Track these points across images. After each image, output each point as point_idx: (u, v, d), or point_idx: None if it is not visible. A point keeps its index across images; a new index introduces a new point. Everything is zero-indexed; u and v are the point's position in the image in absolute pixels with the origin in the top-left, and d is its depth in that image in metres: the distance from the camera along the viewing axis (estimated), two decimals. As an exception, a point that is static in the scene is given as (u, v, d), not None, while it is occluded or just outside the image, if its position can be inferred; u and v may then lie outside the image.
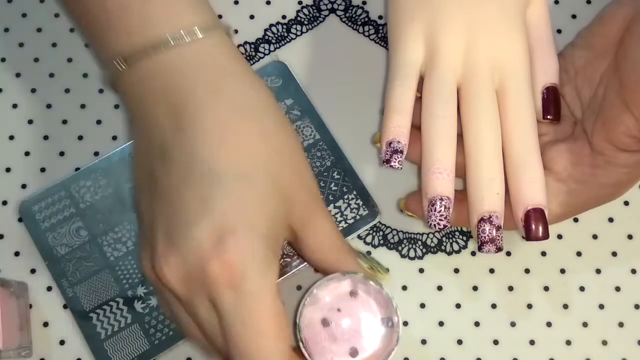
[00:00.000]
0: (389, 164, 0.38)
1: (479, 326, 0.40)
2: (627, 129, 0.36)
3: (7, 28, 0.44)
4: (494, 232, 0.37)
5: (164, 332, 0.39)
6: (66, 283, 0.40)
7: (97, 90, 0.43)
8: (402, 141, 0.38)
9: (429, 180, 0.37)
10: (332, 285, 0.36)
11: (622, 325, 0.40)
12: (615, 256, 0.41)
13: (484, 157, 0.37)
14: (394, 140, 0.38)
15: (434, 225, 0.37)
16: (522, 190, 0.37)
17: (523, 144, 0.37)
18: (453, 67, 0.38)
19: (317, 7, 0.45)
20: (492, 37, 0.38)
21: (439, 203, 0.37)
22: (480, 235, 0.37)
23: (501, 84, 0.38)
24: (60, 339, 0.40)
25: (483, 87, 0.38)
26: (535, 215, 0.37)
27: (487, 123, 0.37)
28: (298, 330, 0.36)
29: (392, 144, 0.38)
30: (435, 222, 0.37)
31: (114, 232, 0.41)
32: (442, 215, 0.37)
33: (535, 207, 0.37)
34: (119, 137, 0.43)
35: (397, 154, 0.38)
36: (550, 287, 0.41)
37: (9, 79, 0.43)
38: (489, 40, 0.38)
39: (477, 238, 0.37)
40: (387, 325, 0.36)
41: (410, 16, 0.39)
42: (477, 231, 0.37)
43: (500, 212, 0.37)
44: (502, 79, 0.38)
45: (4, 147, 0.42)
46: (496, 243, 0.37)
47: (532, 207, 0.37)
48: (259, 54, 0.44)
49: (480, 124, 0.37)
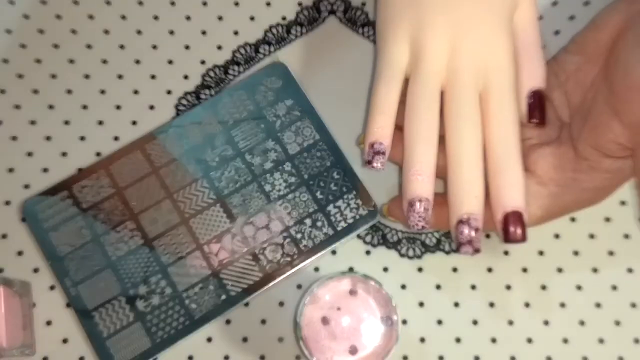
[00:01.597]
0: (370, 165, 0.38)
1: (477, 324, 0.41)
2: (614, 136, 0.36)
3: (9, 30, 0.44)
4: (472, 233, 0.37)
5: (166, 331, 0.40)
6: (69, 282, 0.40)
7: (99, 91, 0.44)
8: (385, 142, 0.38)
9: (409, 182, 0.38)
10: (331, 284, 0.37)
11: (618, 324, 0.41)
12: (612, 255, 0.41)
13: (464, 159, 0.37)
14: (377, 141, 0.38)
15: (413, 226, 0.38)
16: (501, 193, 0.37)
17: (504, 146, 0.38)
18: (437, 70, 0.38)
19: (316, 8, 0.45)
20: (477, 40, 0.38)
21: (418, 204, 0.37)
22: (459, 237, 0.37)
23: (485, 86, 0.38)
24: (63, 338, 0.40)
25: (466, 90, 0.38)
26: (514, 218, 0.37)
27: (469, 126, 0.38)
28: (298, 329, 0.36)
29: (375, 145, 0.38)
30: (414, 222, 0.38)
31: (115, 231, 0.41)
32: (421, 216, 0.37)
33: (514, 210, 0.37)
34: (121, 138, 0.43)
35: (379, 155, 0.38)
36: (547, 286, 0.41)
37: (12, 81, 0.43)
38: (473, 43, 0.38)
39: (456, 239, 0.37)
40: (387, 324, 0.36)
41: (398, 18, 0.39)
42: (456, 232, 0.37)
43: (478, 214, 0.37)
44: (486, 82, 0.38)
45: (7, 147, 0.43)
46: (473, 244, 0.37)
47: (510, 210, 0.37)
48: (259, 55, 0.44)
49: (462, 127, 0.38)
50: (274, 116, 0.42)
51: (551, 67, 0.41)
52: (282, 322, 0.40)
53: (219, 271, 0.40)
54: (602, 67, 0.39)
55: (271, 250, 0.41)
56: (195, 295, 0.40)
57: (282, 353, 0.40)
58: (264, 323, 0.41)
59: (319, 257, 0.41)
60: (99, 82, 0.44)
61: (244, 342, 0.40)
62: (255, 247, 0.41)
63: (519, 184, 0.37)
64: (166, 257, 0.40)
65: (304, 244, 0.41)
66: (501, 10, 0.39)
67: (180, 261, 0.40)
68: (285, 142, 0.42)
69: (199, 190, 0.41)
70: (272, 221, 0.41)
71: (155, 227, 0.41)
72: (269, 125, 0.42)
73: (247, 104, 0.43)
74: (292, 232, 0.41)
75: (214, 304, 0.40)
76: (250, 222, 0.41)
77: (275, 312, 0.41)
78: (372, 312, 0.36)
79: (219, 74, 0.44)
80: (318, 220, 0.41)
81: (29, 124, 0.43)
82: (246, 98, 0.43)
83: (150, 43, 0.44)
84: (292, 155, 0.42)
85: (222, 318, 0.41)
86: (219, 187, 0.41)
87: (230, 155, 0.42)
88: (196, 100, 0.43)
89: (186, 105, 0.43)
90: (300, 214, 0.41)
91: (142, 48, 0.44)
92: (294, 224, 0.41)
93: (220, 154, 0.42)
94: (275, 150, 0.42)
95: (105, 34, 0.44)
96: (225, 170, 0.42)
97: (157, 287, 0.40)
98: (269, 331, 0.40)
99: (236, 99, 0.43)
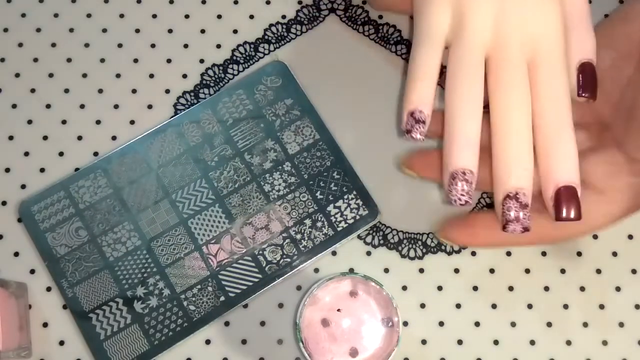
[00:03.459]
0: (409, 134, 0.36)
1: (479, 326, 0.40)
2: None
3: (6, 28, 0.44)
4: (520, 211, 0.34)
5: (164, 333, 0.39)
6: (66, 283, 0.40)
7: (97, 90, 0.43)
8: (425, 110, 0.36)
9: (452, 152, 0.35)
10: (332, 285, 0.36)
11: (622, 326, 0.40)
12: (616, 256, 0.41)
13: (513, 130, 0.35)
14: (416, 109, 0.36)
15: (455, 201, 0.35)
16: (553, 167, 0.34)
17: (555, 118, 0.35)
18: (481, 36, 0.36)
19: (317, 6, 0.45)
20: (524, 7, 0.36)
21: (460, 176, 0.35)
22: (506, 214, 0.35)
23: (533, 56, 0.36)
24: (59, 340, 0.40)
25: (513, 58, 0.35)
26: (567, 194, 0.34)
27: (517, 94, 0.35)
28: (298, 331, 0.36)
29: (415, 114, 0.36)
30: (457, 197, 0.35)
31: (113, 232, 0.41)
32: (464, 190, 0.35)
33: (567, 185, 0.34)
34: (119, 137, 0.43)
35: (420, 124, 0.36)
36: (550, 287, 0.41)
37: (9, 79, 0.43)
38: (520, 10, 0.36)
39: (502, 217, 0.35)
40: (387, 325, 0.36)
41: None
42: (502, 209, 0.35)
43: (528, 189, 0.34)
44: (534, 51, 0.36)
45: (4, 147, 0.42)
46: (522, 222, 0.34)
47: (563, 185, 0.34)
48: (259, 53, 0.44)
49: (509, 97, 0.35)
50: (273, 115, 0.42)
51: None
52: (281, 324, 0.40)
53: (218, 272, 0.40)
54: (638, 62, 0.37)
55: (270, 251, 0.40)
56: (194, 297, 0.40)
57: (281, 355, 0.40)
58: (263, 325, 0.40)
59: (319, 258, 0.40)
60: (97, 81, 0.43)
61: (243, 344, 0.40)
62: (254, 247, 0.40)
63: (573, 158, 0.35)
64: (164, 258, 0.40)
65: (303, 245, 0.40)
66: None
67: (179, 262, 0.40)
68: (284, 141, 0.42)
69: (197, 191, 0.41)
70: (271, 221, 0.41)
71: (153, 227, 0.41)
72: (269, 125, 0.42)
73: (246, 103, 0.42)
74: (291, 233, 0.41)
75: (212, 305, 0.40)
76: (250, 222, 0.41)
77: (275, 313, 0.40)
78: (372, 314, 0.36)
79: (218, 73, 0.44)
80: (318, 221, 0.41)
81: (26, 124, 0.43)
82: (245, 97, 0.42)
83: (148, 42, 0.44)
84: (292, 155, 0.42)
85: (221, 320, 0.40)
86: (217, 187, 0.41)
87: (230, 155, 0.42)
88: (195, 99, 0.43)
89: (185, 104, 0.43)
90: (300, 215, 0.41)
91: (140, 47, 0.44)
92: (294, 224, 0.41)
93: (219, 153, 0.42)
94: (275, 150, 0.42)
95: (103, 33, 0.44)
96: (225, 170, 0.41)
97: (155, 289, 0.40)
98: (268, 333, 0.40)
99: (235, 98, 0.42)
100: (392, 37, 0.44)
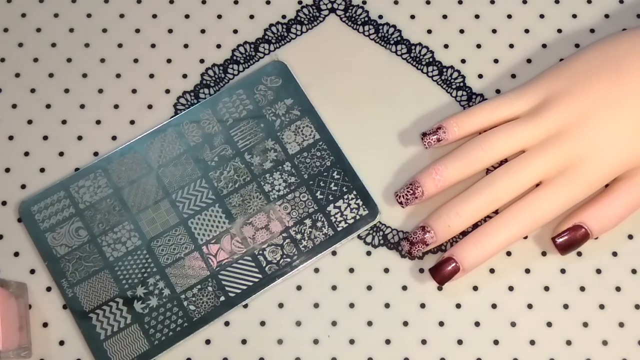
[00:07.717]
0: (424, 137, 0.40)
1: (479, 326, 0.40)
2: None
3: (6, 28, 0.44)
4: (417, 242, 0.39)
5: (164, 333, 0.39)
6: (66, 283, 0.40)
7: (97, 90, 0.43)
8: (449, 138, 0.40)
9: (425, 174, 0.40)
10: None
11: (622, 326, 0.40)
12: (616, 256, 0.41)
13: (485, 191, 0.39)
14: (443, 128, 0.40)
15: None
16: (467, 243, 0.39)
17: (512, 223, 0.39)
18: (537, 134, 0.39)
19: (317, 6, 0.45)
20: (598, 133, 0.38)
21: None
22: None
23: (558, 173, 0.38)
24: (59, 340, 0.40)
25: (536, 165, 0.38)
26: (445, 272, 0.39)
27: (515, 177, 0.38)
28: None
29: (439, 130, 0.40)
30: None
31: (113, 232, 0.40)
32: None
33: (450, 257, 0.39)
34: (119, 137, 0.43)
35: (435, 138, 0.40)
36: (550, 287, 0.41)
37: (9, 79, 0.43)
38: (589, 136, 0.38)
39: (408, 235, 0.40)
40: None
41: (558, 75, 0.40)
42: (413, 230, 0.40)
43: (438, 234, 0.39)
44: (564, 171, 0.38)
45: (4, 147, 0.42)
46: (414, 246, 0.40)
47: (449, 257, 0.39)
48: (259, 53, 0.44)
49: (500, 182, 0.39)
50: (273, 115, 0.42)
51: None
52: (281, 324, 0.40)
53: (218, 272, 0.40)
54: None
55: (270, 251, 0.40)
56: (194, 297, 0.40)
57: (281, 355, 0.40)
58: (263, 325, 0.40)
59: (319, 258, 0.40)
60: (97, 81, 0.43)
61: (243, 344, 0.40)
62: (254, 247, 0.40)
63: (483, 255, 0.39)
64: (164, 258, 0.40)
65: (303, 245, 0.40)
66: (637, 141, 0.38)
67: (179, 262, 0.40)
68: (284, 141, 0.42)
69: (197, 190, 0.41)
70: (271, 221, 0.41)
71: (153, 227, 0.41)
72: (269, 125, 0.42)
73: (246, 103, 0.42)
74: (291, 233, 0.41)
75: (212, 305, 0.40)
76: (250, 222, 0.41)
77: (275, 313, 0.40)
78: None
79: (218, 73, 0.44)
80: (318, 221, 0.41)
81: (26, 124, 0.43)
82: (245, 97, 0.42)
83: (148, 41, 0.44)
84: (292, 155, 0.42)
85: (221, 320, 0.40)
86: (217, 187, 0.41)
87: (230, 155, 0.42)
88: (195, 99, 0.43)
89: (185, 104, 0.43)
90: (300, 214, 0.41)
91: (141, 46, 0.44)
92: (294, 224, 0.41)
93: (219, 153, 0.42)
94: (275, 150, 0.42)
95: (103, 33, 0.44)
96: (225, 170, 0.41)
97: (155, 289, 0.40)
98: (268, 333, 0.40)
99: (235, 98, 0.42)
100: (392, 37, 0.44)
